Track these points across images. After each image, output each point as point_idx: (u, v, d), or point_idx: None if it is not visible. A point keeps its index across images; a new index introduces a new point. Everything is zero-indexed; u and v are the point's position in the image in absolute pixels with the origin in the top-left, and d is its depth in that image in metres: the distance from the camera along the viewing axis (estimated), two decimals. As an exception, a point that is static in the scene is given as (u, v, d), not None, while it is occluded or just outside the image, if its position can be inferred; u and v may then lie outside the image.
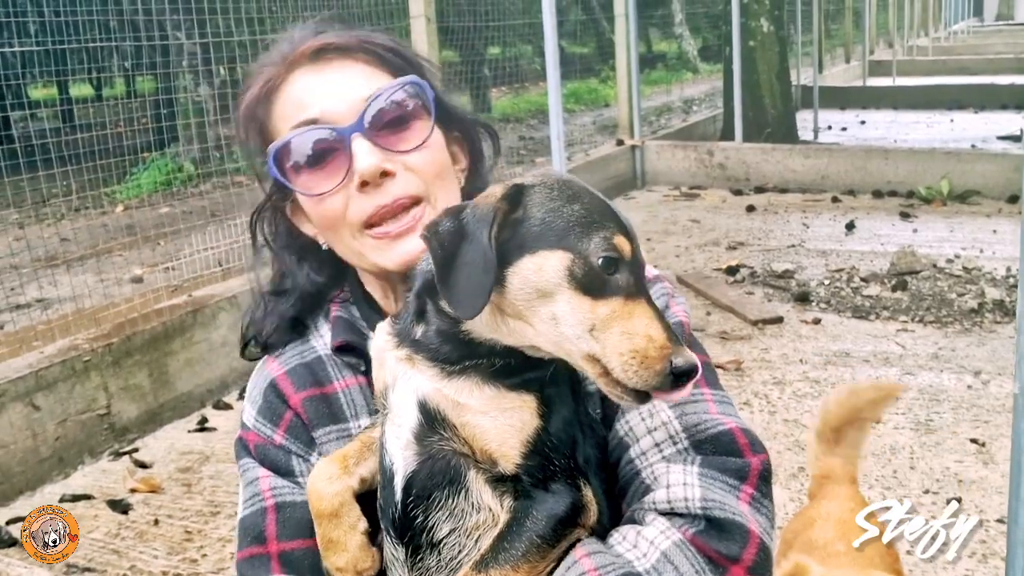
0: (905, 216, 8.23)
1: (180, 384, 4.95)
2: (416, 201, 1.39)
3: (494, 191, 1.21)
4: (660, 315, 1.14)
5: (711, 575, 1.18)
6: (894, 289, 6.16)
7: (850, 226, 7.93)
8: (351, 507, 1.32)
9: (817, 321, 5.72)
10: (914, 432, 4.25)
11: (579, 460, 1.26)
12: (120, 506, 4.00)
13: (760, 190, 9.65)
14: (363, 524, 1.31)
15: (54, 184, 6.90)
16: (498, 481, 1.22)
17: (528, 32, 12.74)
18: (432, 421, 1.23)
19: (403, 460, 1.25)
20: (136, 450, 4.57)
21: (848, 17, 22.58)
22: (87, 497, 4.11)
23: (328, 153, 1.38)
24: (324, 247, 1.49)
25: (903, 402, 4.55)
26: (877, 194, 9.09)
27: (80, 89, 16.57)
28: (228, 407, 5.02)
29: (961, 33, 32.45)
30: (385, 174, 1.37)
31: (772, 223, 8.33)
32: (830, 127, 13.17)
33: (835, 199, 9.06)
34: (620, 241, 1.16)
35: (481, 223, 1.16)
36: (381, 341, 1.33)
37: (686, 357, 1.11)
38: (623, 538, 1.24)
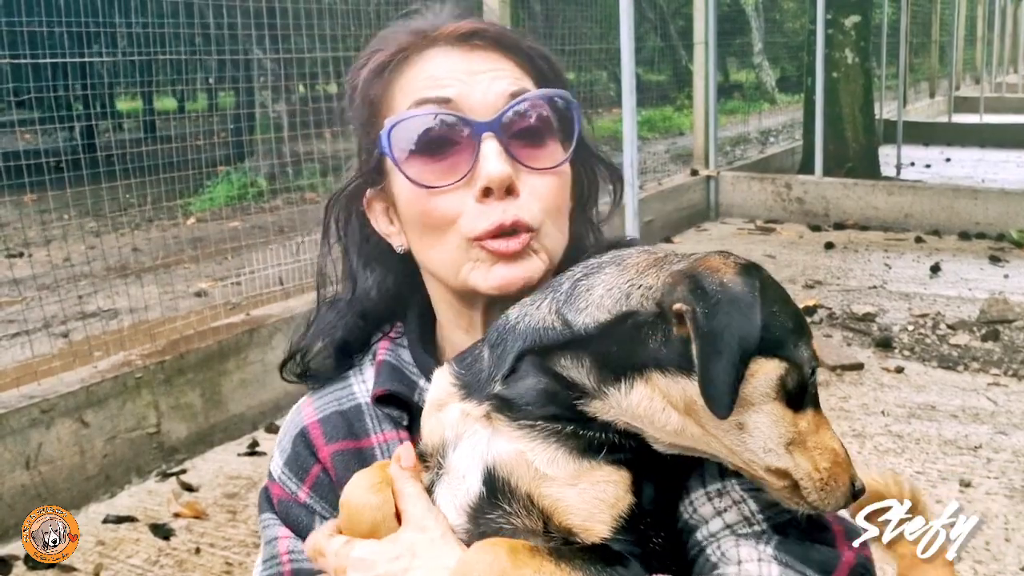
0: (995, 260, 7.80)
1: (232, 405, 4.84)
2: (529, 231, 1.17)
3: (725, 263, 0.98)
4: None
5: None
6: (984, 339, 5.78)
7: (935, 268, 7.53)
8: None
9: (900, 369, 5.38)
10: (1008, 499, 3.91)
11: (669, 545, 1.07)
12: (162, 531, 3.88)
13: (840, 227, 9.28)
14: None
15: (132, 194, 6.93)
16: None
17: (603, 58, 12.57)
18: (497, 493, 1.03)
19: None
20: (184, 471, 4.46)
21: (933, 52, 21.95)
22: (131, 519, 4.00)
23: (449, 145, 1.16)
24: (400, 250, 1.26)
25: (996, 465, 4.20)
26: (964, 236, 8.66)
27: (163, 103, 16.97)
28: (280, 431, 4.90)
29: (1054, 71, 31.38)
30: (510, 191, 1.16)
31: (852, 262, 7.97)
32: (913, 163, 12.70)
33: (919, 239, 8.65)
34: (816, 347, 1.04)
35: (749, 305, 0.95)
36: (442, 391, 1.11)
37: (860, 477, 1.04)
38: None
